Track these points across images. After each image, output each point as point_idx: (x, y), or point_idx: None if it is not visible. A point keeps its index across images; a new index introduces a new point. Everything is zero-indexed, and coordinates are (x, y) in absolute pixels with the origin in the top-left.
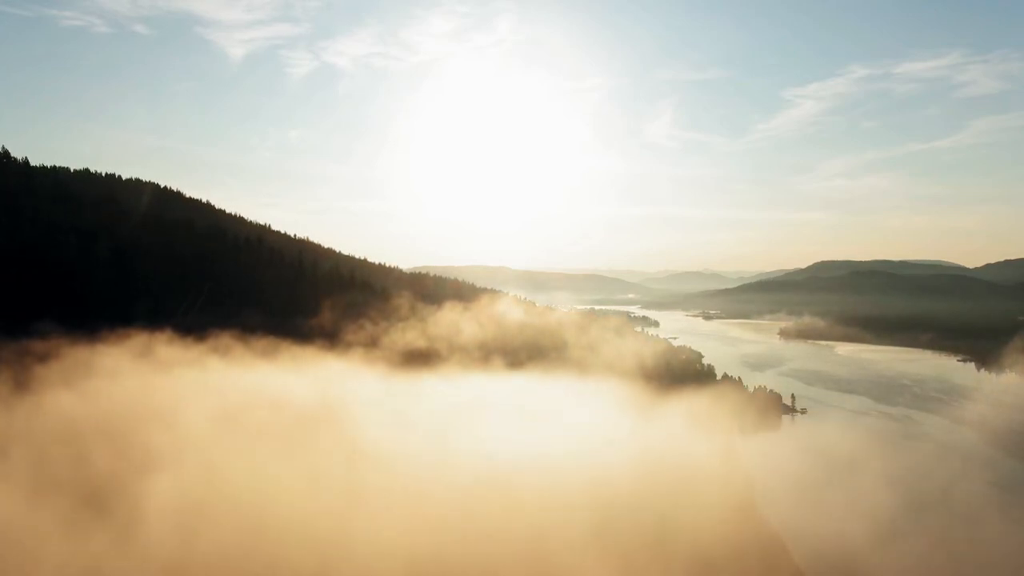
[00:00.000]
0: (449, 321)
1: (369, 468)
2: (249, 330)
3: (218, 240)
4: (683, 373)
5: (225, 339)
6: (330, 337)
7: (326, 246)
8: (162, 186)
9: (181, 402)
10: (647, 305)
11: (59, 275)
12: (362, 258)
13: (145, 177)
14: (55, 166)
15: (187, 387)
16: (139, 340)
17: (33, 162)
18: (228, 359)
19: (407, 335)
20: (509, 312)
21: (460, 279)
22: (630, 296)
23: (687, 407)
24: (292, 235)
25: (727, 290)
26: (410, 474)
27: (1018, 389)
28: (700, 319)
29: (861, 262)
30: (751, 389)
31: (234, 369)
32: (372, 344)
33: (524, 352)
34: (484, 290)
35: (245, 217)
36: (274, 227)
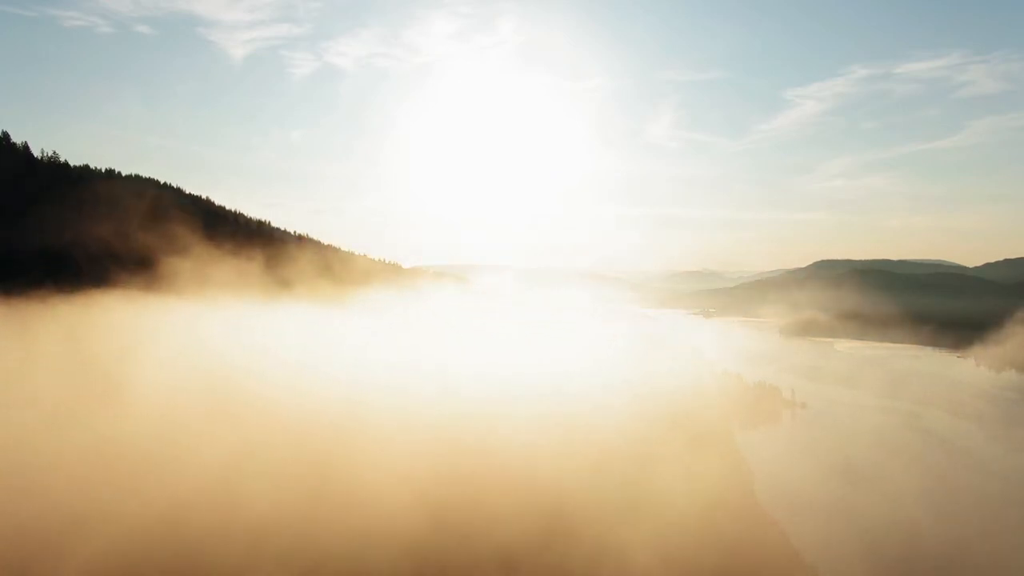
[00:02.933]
0: (447, 295)
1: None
2: (241, 290)
3: (219, 225)
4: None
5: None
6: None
7: (326, 243)
8: (162, 182)
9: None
10: (647, 303)
11: (55, 246)
12: (362, 255)
13: (145, 175)
14: (55, 152)
15: (177, 315)
16: (132, 292)
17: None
18: (216, 304)
19: (410, 306)
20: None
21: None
22: (630, 295)
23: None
24: (292, 232)
25: (727, 288)
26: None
27: (1016, 384)
28: (700, 317)
29: (861, 261)
30: (751, 384)
31: (221, 307)
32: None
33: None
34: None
35: (245, 213)
36: (274, 224)
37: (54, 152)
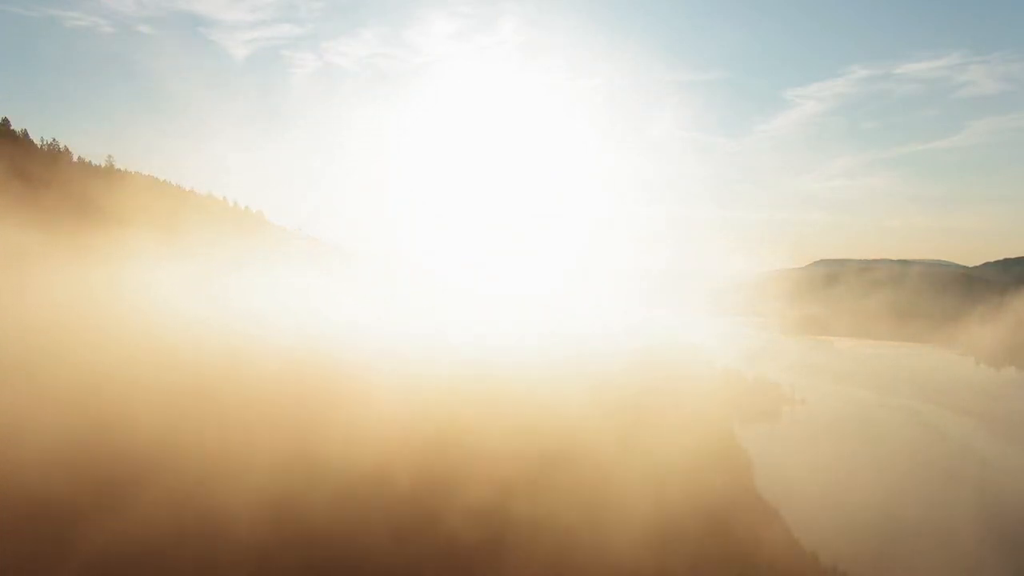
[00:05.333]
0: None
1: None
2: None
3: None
4: None
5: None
6: None
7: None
8: (160, 179)
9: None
10: (647, 300)
11: None
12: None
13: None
14: (55, 139)
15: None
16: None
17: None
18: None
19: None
20: None
21: None
22: (629, 292)
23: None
24: (289, 227)
25: (727, 287)
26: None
27: (1015, 380)
28: (701, 316)
29: (860, 260)
30: (751, 380)
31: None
32: None
33: None
34: None
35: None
36: (269, 218)
37: (54, 139)
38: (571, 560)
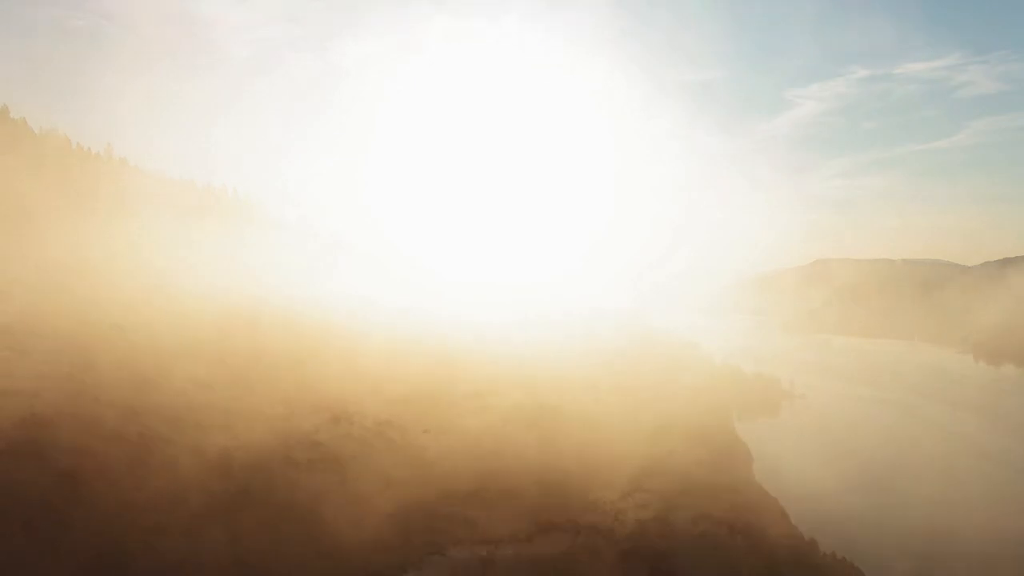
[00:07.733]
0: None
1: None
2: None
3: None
4: None
5: None
6: None
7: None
8: (158, 172)
9: None
10: (647, 299)
11: None
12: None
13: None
14: (53, 127)
15: None
16: None
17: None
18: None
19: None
20: None
21: None
22: (630, 290)
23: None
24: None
25: (726, 287)
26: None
27: (1013, 377)
28: (700, 315)
29: (861, 260)
30: (751, 375)
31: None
32: None
33: None
34: None
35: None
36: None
37: (53, 127)
38: (558, 503)
